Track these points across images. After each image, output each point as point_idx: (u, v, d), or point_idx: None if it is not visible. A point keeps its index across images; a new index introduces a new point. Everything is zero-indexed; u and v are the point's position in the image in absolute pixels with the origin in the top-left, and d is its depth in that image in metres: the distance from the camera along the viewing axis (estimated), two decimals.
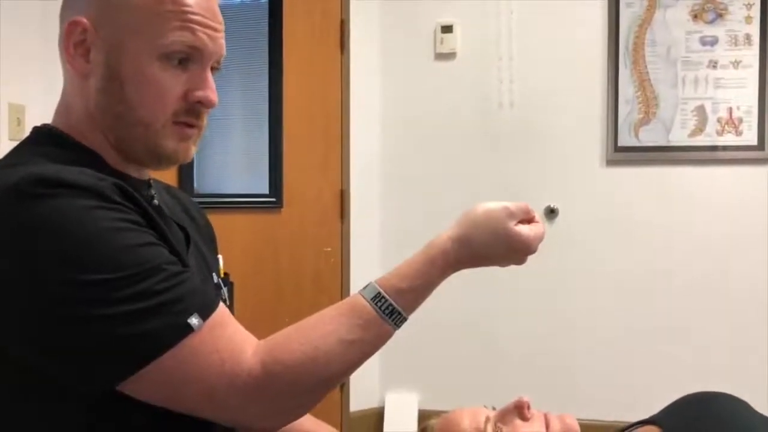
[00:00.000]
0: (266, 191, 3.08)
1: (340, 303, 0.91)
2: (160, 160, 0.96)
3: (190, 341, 0.81)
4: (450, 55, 3.20)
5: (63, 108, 0.98)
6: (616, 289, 3.06)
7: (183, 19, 0.92)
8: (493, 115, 3.16)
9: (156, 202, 1.01)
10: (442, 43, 3.20)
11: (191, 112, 0.95)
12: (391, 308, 0.89)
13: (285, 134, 3.06)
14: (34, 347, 0.81)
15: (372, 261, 3.15)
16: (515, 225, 0.94)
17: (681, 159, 3.01)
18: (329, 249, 3.14)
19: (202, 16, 0.93)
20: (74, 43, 0.94)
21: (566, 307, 3.10)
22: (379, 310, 0.89)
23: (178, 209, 1.10)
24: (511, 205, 0.95)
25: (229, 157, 3.18)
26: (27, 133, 0.99)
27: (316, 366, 0.85)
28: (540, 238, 0.95)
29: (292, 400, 0.87)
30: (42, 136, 0.97)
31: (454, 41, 3.19)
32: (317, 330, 0.87)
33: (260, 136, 3.09)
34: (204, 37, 0.93)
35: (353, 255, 3.17)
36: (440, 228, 0.97)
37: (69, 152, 0.92)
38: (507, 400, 1.14)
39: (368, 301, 0.89)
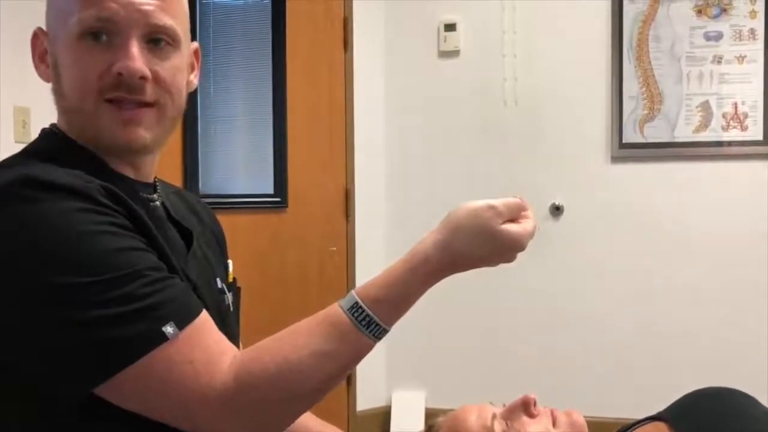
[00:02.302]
0: (271, 191, 3.08)
1: (318, 313, 0.87)
2: (110, 148, 0.93)
3: (164, 350, 0.79)
4: (453, 53, 3.20)
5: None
6: (622, 285, 3.05)
7: None
8: (497, 112, 3.15)
9: (157, 203, 1.00)
10: (445, 41, 3.19)
11: (120, 86, 0.90)
12: (369, 319, 0.84)
13: (289, 134, 3.06)
14: (11, 348, 0.81)
15: (377, 260, 3.14)
16: (502, 224, 0.87)
17: (686, 155, 3.00)
18: (334, 248, 3.14)
19: None
20: (39, 55, 0.96)
21: (572, 305, 3.09)
22: (355, 320, 0.84)
23: (186, 212, 1.08)
24: (498, 202, 0.87)
25: (233, 157, 3.19)
26: (32, 135, 0.99)
27: (288, 379, 0.82)
28: (530, 235, 0.88)
29: (265, 414, 0.84)
30: (46, 137, 0.97)
31: (458, 39, 3.18)
32: (291, 341, 0.84)
33: (264, 136, 3.09)
34: (113, 6, 0.89)
35: (358, 254, 3.17)
36: None
37: (67, 153, 0.92)
38: (513, 398, 1.13)
39: (345, 311, 0.85)
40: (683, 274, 3.00)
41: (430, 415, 3.39)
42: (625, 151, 3.05)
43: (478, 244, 0.87)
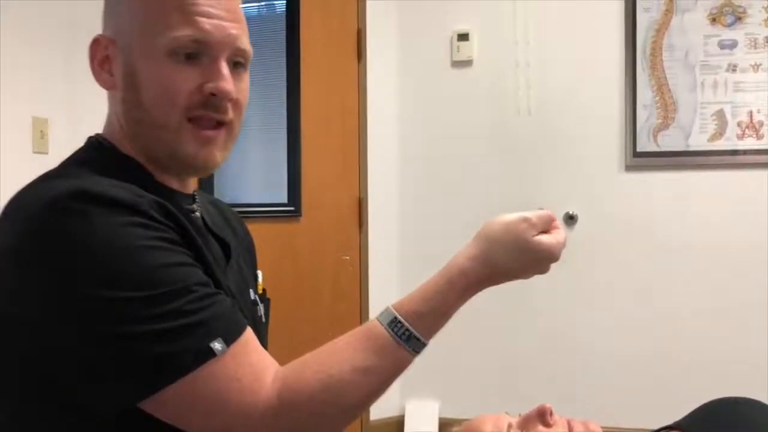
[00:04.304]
0: (285, 200, 3.09)
1: (357, 329, 0.88)
2: (185, 166, 0.95)
3: (211, 366, 0.80)
4: (467, 63, 3.21)
5: (107, 120, 0.99)
6: (636, 294, 3.04)
7: (184, 11, 0.90)
8: (510, 121, 3.16)
9: (198, 214, 1.01)
10: (458, 50, 3.20)
11: (208, 105, 0.92)
12: (408, 333, 0.85)
13: (303, 143, 3.08)
14: (57, 360, 0.81)
15: (390, 269, 3.15)
16: (536, 236, 0.90)
17: (701, 164, 2.99)
18: (348, 257, 3.15)
19: (206, 6, 0.91)
20: (99, 61, 0.95)
21: (586, 314, 3.08)
22: (395, 335, 0.85)
23: (221, 222, 1.09)
24: (531, 215, 0.90)
25: (247, 167, 3.20)
26: (50, 145, 1.00)
27: (332, 395, 0.83)
28: (562, 245, 0.91)
29: (308, 431, 0.85)
30: (92, 146, 0.97)
31: (471, 49, 3.19)
32: (332, 358, 0.85)
33: (278, 146, 3.11)
34: (209, 27, 0.91)
35: (371, 263, 3.18)
36: (458, 236, 0.96)
37: (115, 164, 0.92)
38: (529, 407, 1.13)
39: (384, 327, 0.86)
40: (697, 282, 2.98)
41: (444, 425, 3.37)
42: (640, 159, 3.04)
43: (515, 257, 0.90)
